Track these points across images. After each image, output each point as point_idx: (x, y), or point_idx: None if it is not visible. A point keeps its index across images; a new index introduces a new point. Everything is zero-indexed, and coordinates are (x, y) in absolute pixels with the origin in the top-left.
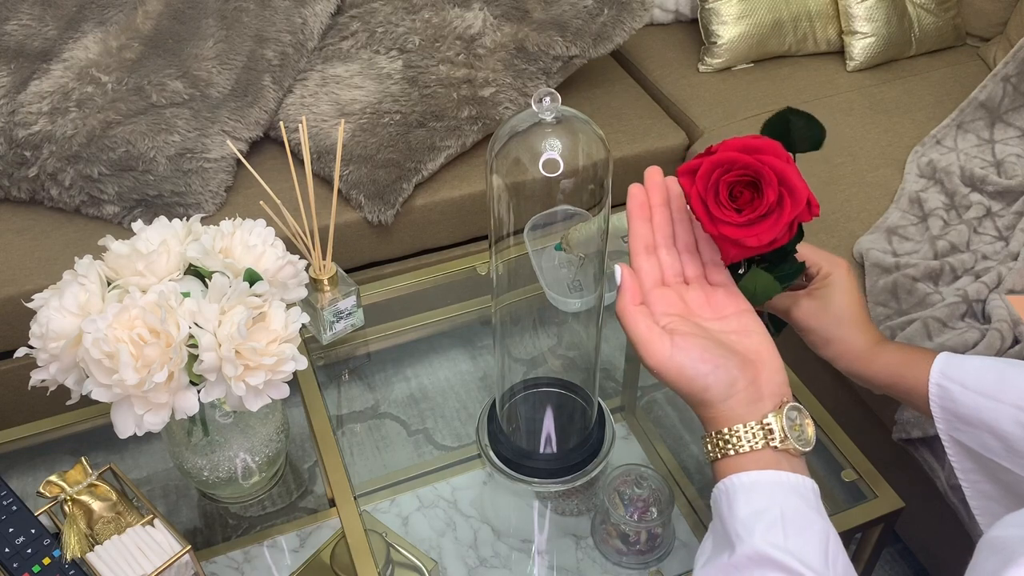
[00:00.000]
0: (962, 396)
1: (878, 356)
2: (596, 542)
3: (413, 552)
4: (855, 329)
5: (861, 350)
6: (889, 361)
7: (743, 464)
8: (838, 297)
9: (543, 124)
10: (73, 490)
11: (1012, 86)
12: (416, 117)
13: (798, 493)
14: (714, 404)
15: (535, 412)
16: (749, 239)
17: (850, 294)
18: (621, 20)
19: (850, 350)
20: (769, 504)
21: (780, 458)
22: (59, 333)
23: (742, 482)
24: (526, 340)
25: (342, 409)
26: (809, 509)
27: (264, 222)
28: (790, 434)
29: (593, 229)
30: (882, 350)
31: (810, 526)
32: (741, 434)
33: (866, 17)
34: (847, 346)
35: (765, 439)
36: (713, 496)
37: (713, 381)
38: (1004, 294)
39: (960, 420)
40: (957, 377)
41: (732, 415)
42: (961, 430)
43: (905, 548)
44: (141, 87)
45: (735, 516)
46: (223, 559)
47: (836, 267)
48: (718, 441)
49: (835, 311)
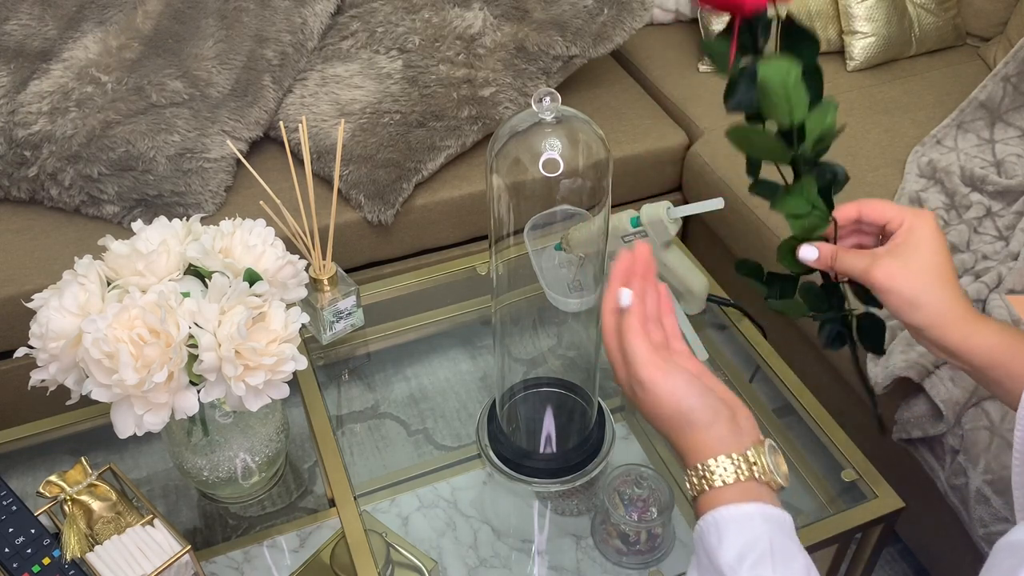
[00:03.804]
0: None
1: (978, 329)
2: (596, 542)
3: (413, 552)
4: (947, 291)
5: (957, 317)
6: (993, 339)
7: (728, 496)
8: (925, 252)
9: (543, 124)
10: (73, 490)
11: (1012, 86)
12: (416, 117)
13: (781, 527)
14: (699, 429)
15: (535, 412)
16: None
17: (939, 251)
18: (621, 20)
19: (944, 316)
20: (758, 536)
21: (762, 491)
22: (59, 333)
23: (732, 515)
24: (526, 340)
25: (342, 409)
26: (791, 543)
27: (264, 222)
28: (771, 468)
29: (593, 229)
30: (982, 323)
31: (794, 559)
32: (727, 465)
33: (866, 17)
34: (940, 311)
35: (750, 470)
36: (698, 530)
37: (699, 405)
38: (1004, 294)
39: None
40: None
41: (716, 443)
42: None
43: (905, 548)
44: (141, 87)
45: (725, 550)
46: (223, 559)
47: (920, 219)
48: (704, 472)
49: (922, 269)
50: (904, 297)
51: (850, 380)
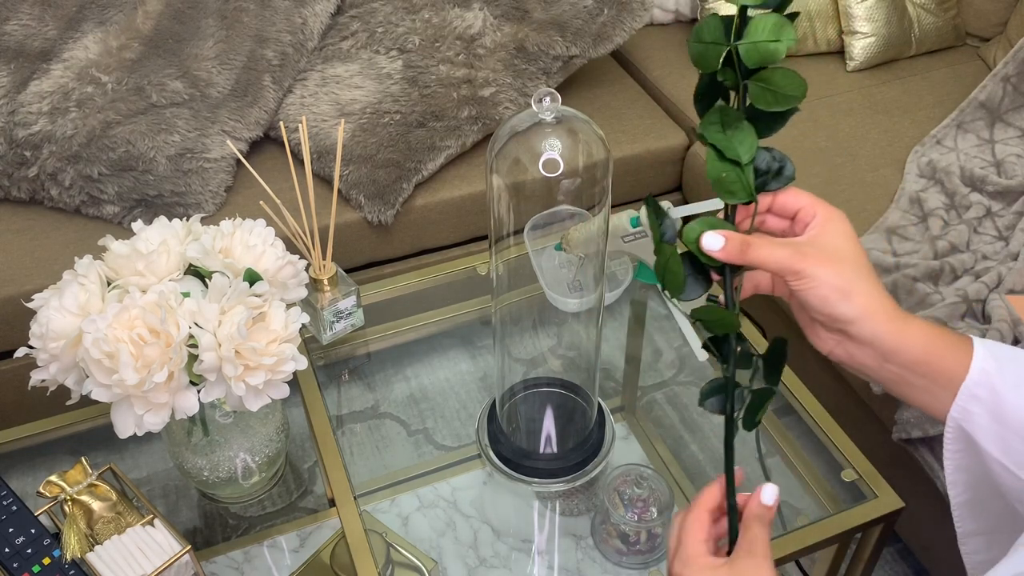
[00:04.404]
0: (1012, 391)
1: (910, 323)
2: (596, 542)
3: (413, 552)
4: (875, 284)
5: (889, 308)
6: (925, 333)
7: None
8: (847, 244)
9: (543, 124)
10: (73, 490)
11: (1012, 86)
12: (416, 117)
13: None
14: None
15: (535, 412)
16: None
17: (858, 245)
18: (621, 20)
19: (876, 306)
20: None
21: None
22: (59, 333)
23: None
24: (526, 340)
25: (342, 409)
26: None
27: (264, 222)
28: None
29: (593, 229)
30: (913, 318)
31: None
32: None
33: (866, 17)
34: (871, 300)
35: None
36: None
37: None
38: (1004, 294)
39: (996, 415)
40: (1010, 367)
41: None
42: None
43: (905, 548)
44: (141, 87)
45: None
46: (223, 559)
47: (836, 212)
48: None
49: (848, 258)
50: (835, 285)
51: (850, 380)
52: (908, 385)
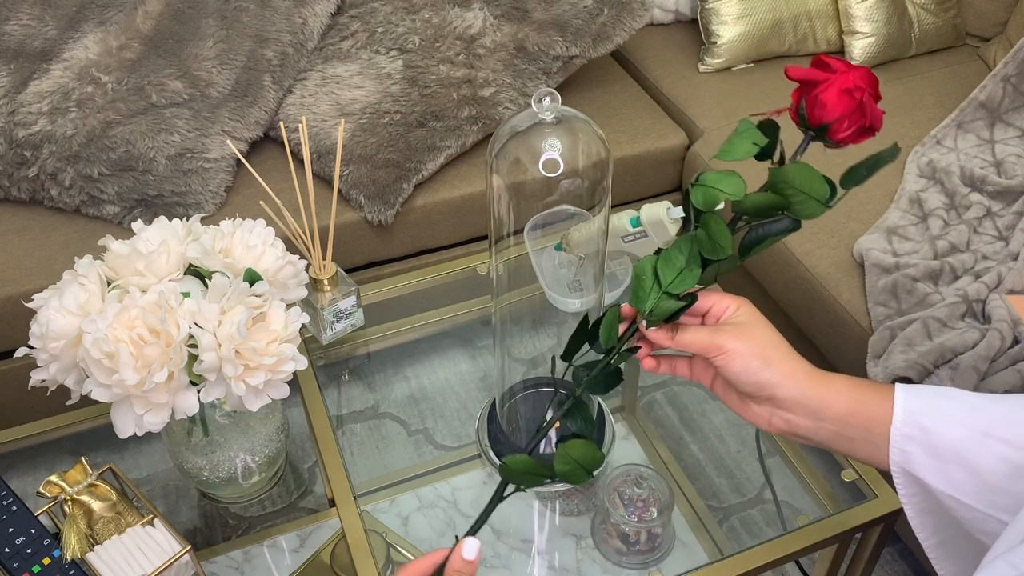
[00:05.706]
0: (940, 424)
1: (832, 379)
2: (596, 542)
3: (413, 552)
4: (792, 353)
5: (809, 370)
6: (849, 386)
7: None
8: (759, 324)
9: (543, 124)
10: (73, 490)
11: (1012, 86)
12: (416, 117)
13: None
14: None
15: (535, 412)
16: None
17: (770, 326)
18: (621, 20)
19: (795, 369)
20: None
21: None
22: (59, 333)
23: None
24: (526, 340)
25: (342, 409)
26: None
27: (264, 222)
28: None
29: (593, 229)
30: (833, 375)
31: None
32: None
33: (866, 17)
34: (790, 364)
35: None
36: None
37: None
38: (1004, 294)
39: (932, 450)
40: (932, 403)
41: None
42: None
43: (905, 548)
44: (141, 87)
45: None
46: (223, 559)
47: (742, 300)
48: None
49: (762, 334)
50: (754, 353)
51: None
52: (848, 440)
